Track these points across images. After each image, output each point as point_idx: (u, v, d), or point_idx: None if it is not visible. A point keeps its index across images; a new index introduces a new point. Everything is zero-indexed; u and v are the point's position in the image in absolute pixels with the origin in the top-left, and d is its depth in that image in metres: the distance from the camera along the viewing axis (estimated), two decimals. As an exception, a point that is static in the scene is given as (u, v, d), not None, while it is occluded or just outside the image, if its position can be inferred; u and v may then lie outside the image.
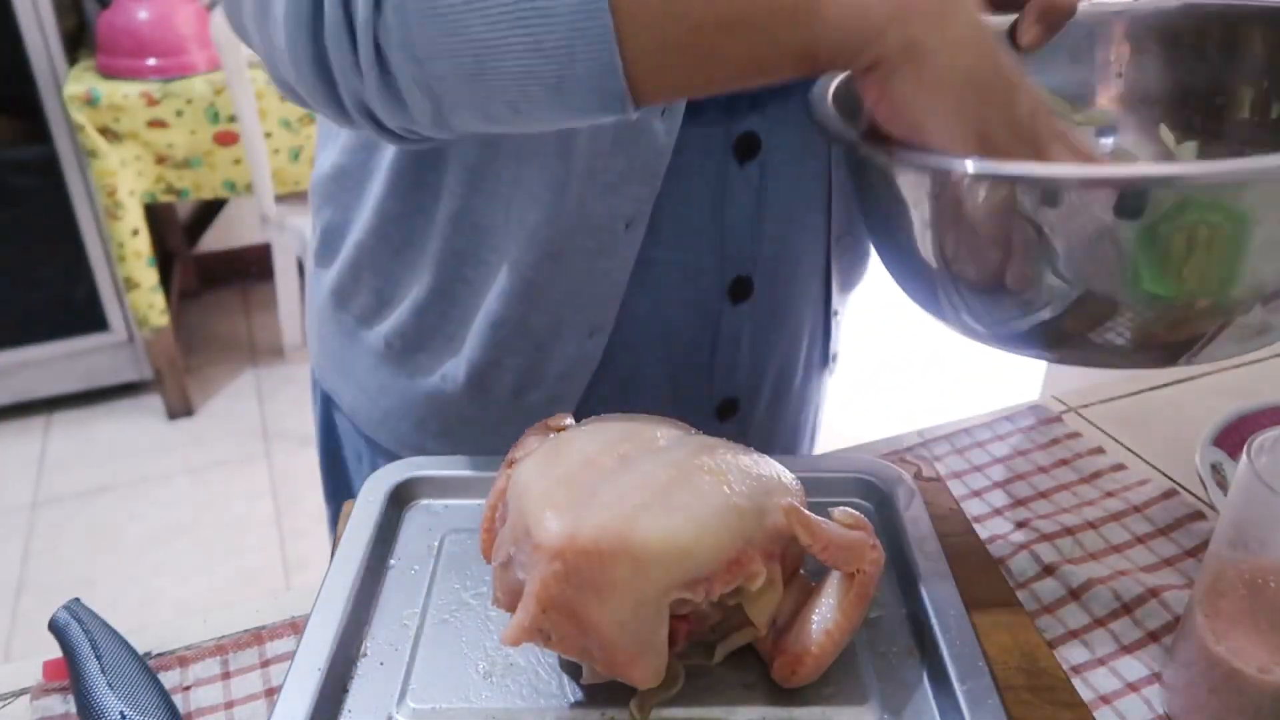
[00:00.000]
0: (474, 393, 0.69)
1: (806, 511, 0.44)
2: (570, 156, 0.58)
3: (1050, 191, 0.41)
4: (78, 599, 0.52)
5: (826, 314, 0.79)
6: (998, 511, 0.62)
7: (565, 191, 0.59)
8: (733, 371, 0.72)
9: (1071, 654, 0.52)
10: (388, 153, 0.64)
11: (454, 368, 0.69)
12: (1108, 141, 0.56)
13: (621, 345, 0.67)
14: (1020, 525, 0.60)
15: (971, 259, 0.45)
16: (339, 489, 0.85)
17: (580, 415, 0.66)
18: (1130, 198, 0.40)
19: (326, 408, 0.82)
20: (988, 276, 0.45)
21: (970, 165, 0.40)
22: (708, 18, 0.40)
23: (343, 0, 0.42)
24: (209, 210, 2.73)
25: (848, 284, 0.78)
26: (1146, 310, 0.43)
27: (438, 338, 0.69)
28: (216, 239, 2.79)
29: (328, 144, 0.71)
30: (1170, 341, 0.45)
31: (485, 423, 0.70)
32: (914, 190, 0.45)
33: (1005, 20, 0.52)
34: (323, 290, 0.75)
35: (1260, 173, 0.39)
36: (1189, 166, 0.40)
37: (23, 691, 0.50)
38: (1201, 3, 0.58)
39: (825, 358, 0.83)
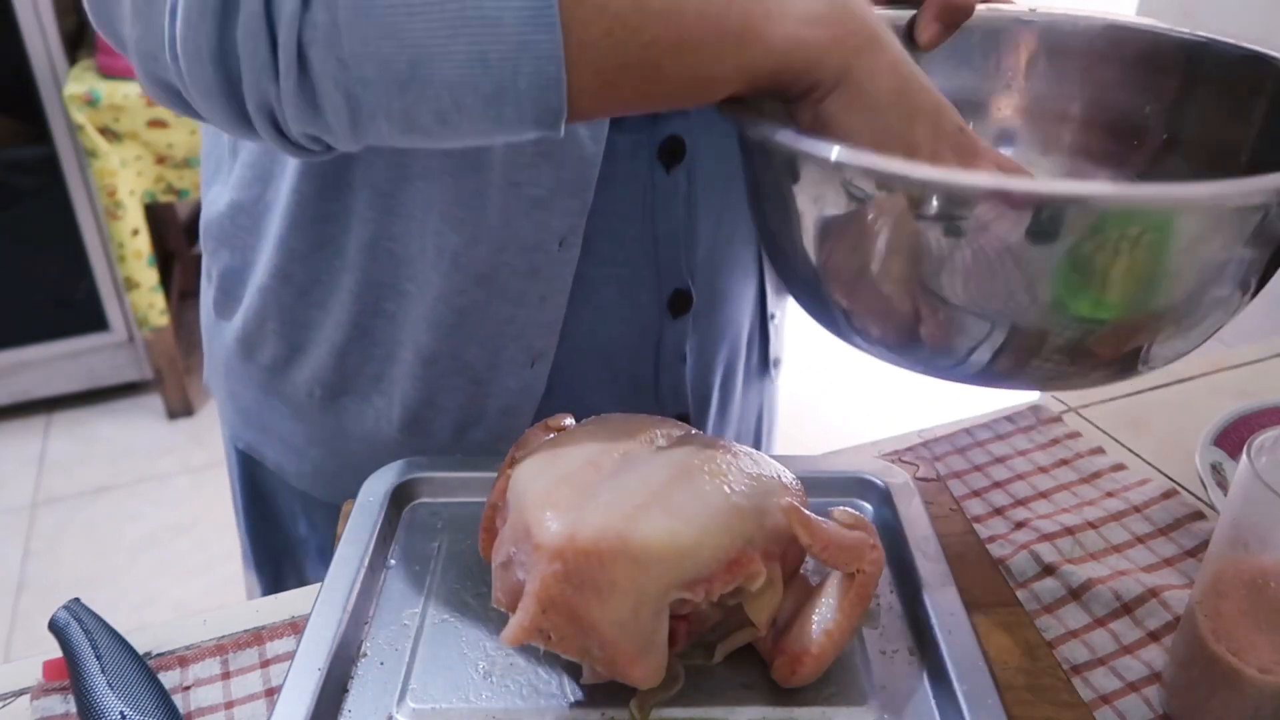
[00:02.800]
0: (411, 436, 0.65)
1: (806, 511, 0.44)
2: (486, 170, 0.55)
3: (960, 200, 0.39)
4: (78, 599, 0.52)
5: (763, 318, 0.77)
6: (998, 511, 0.62)
7: (485, 210, 0.56)
8: (678, 387, 0.70)
9: (1071, 654, 0.52)
10: (286, 183, 0.59)
11: (386, 410, 0.65)
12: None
13: (564, 372, 0.64)
14: (1020, 525, 0.60)
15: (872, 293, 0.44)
16: (273, 550, 0.78)
17: None
18: (1047, 214, 0.38)
19: (247, 467, 0.75)
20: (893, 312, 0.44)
21: (837, 154, 0.39)
22: (658, 38, 0.40)
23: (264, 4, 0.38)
24: (209, 210, 2.73)
25: (782, 289, 0.77)
26: (1078, 331, 0.42)
27: (362, 380, 0.65)
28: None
29: (216, 181, 0.66)
30: (1112, 358, 0.44)
31: None
32: (815, 192, 0.43)
33: (904, 15, 0.52)
34: (225, 343, 0.69)
35: (1180, 201, 0.38)
36: (1102, 188, 0.39)
37: (23, 691, 0.50)
38: (1124, 25, 0.57)
39: (765, 363, 0.81)
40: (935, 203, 0.40)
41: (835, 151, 0.39)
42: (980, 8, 0.58)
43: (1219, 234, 0.39)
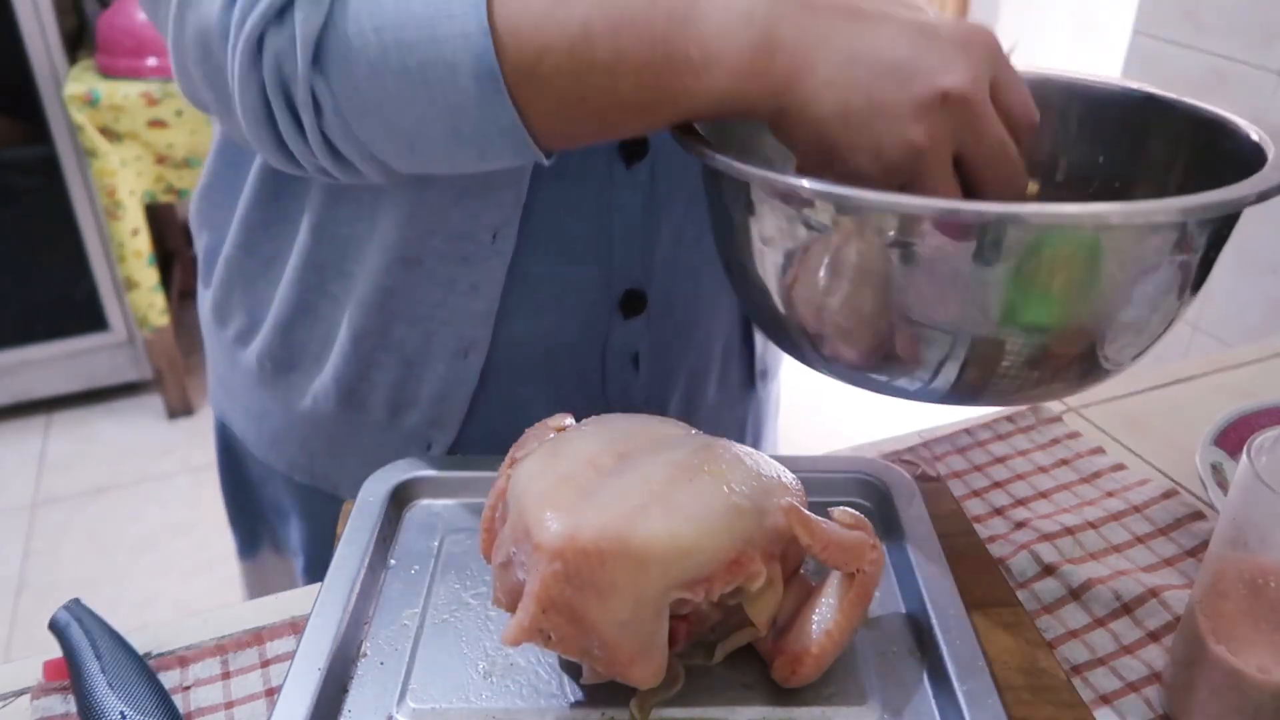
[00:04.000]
0: (348, 412, 0.67)
1: (806, 511, 0.44)
2: None
3: (908, 220, 0.41)
4: (78, 599, 0.52)
5: (746, 328, 0.75)
6: (998, 511, 0.62)
7: (420, 194, 0.58)
8: (627, 391, 0.69)
9: (1071, 654, 0.52)
10: (251, 163, 0.63)
11: (323, 385, 0.67)
12: None
13: (501, 365, 0.65)
14: (1020, 525, 0.60)
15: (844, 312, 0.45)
16: (248, 516, 0.82)
17: (464, 436, 0.67)
18: (987, 231, 0.40)
19: (223, 433, 0.79)
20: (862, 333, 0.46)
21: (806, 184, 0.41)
22: (600, 107, 0.46)
23: (288, 108, 0.47)
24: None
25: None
26: (1030, 341, 0.44)
27: (305, 357, 0.67)
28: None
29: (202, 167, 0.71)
30: (1070, 362, 0.46)
31: (364, 444, 0.68)
32: (773, 221, 0.46)
33: None
34: (205, 316, 0.74)
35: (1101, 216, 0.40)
36: (1040, 208, 0.40)
37: (23, 691, 0.50)
38: (1077, 81, 0.58)
39: (750, 375, 0.78)
40: (864, 224, 0.42)
41: (751, 173, 0.43)
42: None
43: (1139, 247, 0.42)
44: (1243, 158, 0.48)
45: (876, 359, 0.46)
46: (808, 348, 0.49)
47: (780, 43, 0.43)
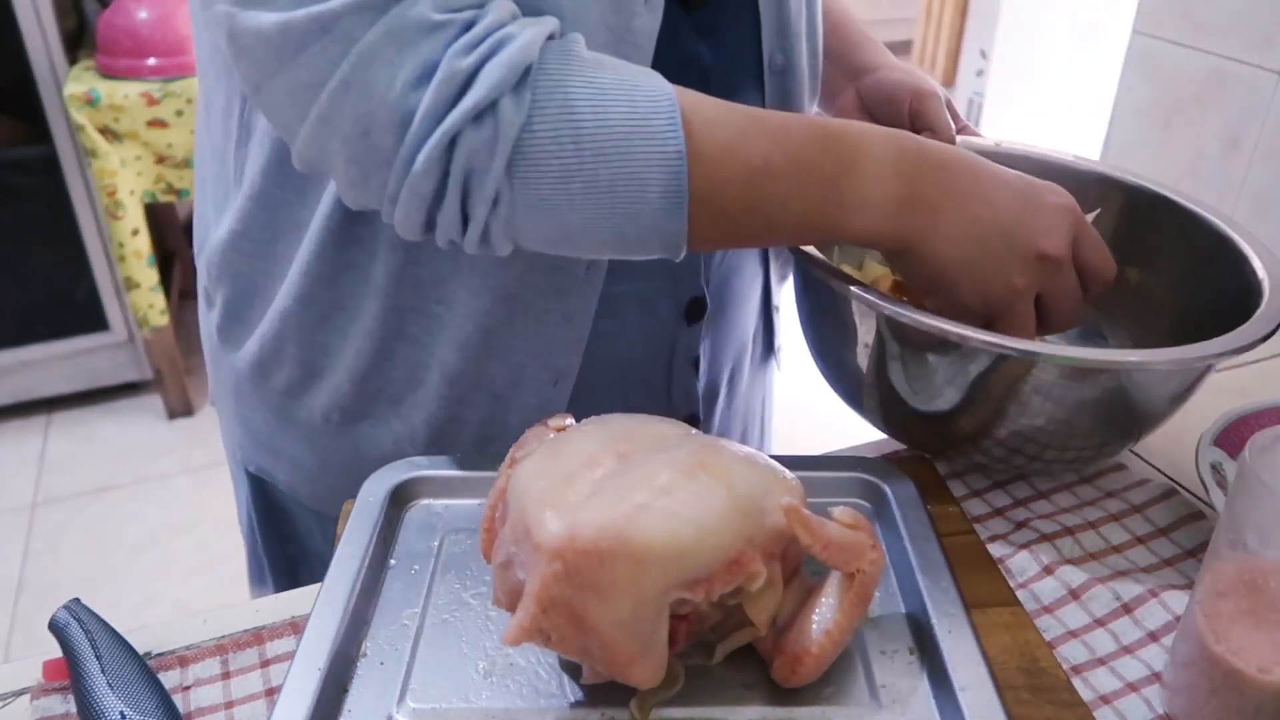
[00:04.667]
0: (434, 452, 0.65)
1: (806, 511, 0.44)
2: None
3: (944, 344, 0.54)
4: (78, 599, 0.52)
5: (768, 310, 0.79)
6: (998, 512, 0.62)
7: None
8: (689, 390, 0.71)
9: (1071, 654, 0.51)
10: (306, 208, 0.60)
11: (407, 431, 0.65)
12: None
13: (580, 386, 0.66)
14: (1020, 525, 0.60)
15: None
16: (290, 564, 0.78)
17: None
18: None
19: (260, 489, 0.75)
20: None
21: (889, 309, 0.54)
22: (758, 230, 0.53)
23: (461, 200, 0.49)
24: (209, 210, 2.73)
25: (784, 275, 0.79)
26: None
27: (381, 403, 0.65)
28: (216, 239, 2.78)
29: (214, 208, 0.66)
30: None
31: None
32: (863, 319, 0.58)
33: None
34: (234, 370, 0.70)
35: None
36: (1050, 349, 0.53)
37: (23, 691, 0.50)
38: (1077, 165, 0.72)
39: (769, 352, 0.83)
40: (937, 349, 0.55)
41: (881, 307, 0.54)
42: (957, 137, 0.71)
43: (1164, 383, 0.57)
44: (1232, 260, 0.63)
45: (937, 432, 0.60)
46: (875, 413, 0.63)
47: (920, 199, 0.52)
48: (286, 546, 0.77)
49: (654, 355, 0.68)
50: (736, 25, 0.64)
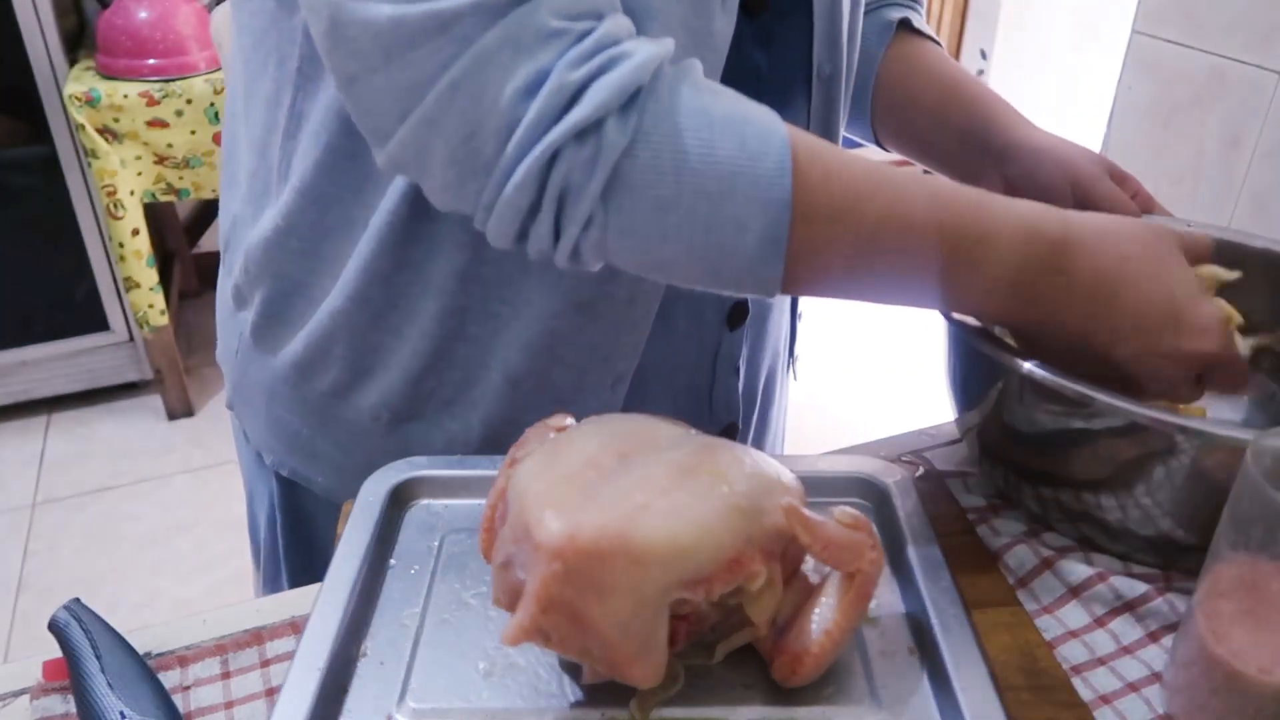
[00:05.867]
0: (488, 452, 0.64)
1: (806, 511, 0.44)
2: None
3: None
4: (78, 599, 0.52)
5: (793, 317, 0.80)
6: (996, 510, 0.62)
7: None
8: (729, 396, 0.71)
9: (1071, 654, 0.51)
10: (362, 205, 0.59)
11: (464, 428, 0.64)
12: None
13: (633, 389, 0.66)
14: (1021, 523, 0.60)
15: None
16: (312, 564, 0.75)
17: None
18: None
19: (289, 492, 0.72)
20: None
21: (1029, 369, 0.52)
22: (854, 289, 0.52)
23: (555, 217, 0.47)
24: (209, 210, 2.73)
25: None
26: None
27: (433, 403, 0.64)
28: (216, 239, 2.78)
29: (249, 203, 0.64)
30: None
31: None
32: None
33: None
34: (270, 369, 0.67)
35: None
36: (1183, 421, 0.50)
37: (23, 691, 0.50)
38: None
39: (791, 358, 0.83)
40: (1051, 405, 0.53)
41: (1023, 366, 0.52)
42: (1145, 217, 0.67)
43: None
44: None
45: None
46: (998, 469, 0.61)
47: (1033, 300, 0.51)
48: (310, 551, 0.75)
49: (699, 361, 0.68)
50: (791, 33, 0.63)
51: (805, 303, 0.80)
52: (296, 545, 0.75)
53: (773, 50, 0.62)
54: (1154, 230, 0.53)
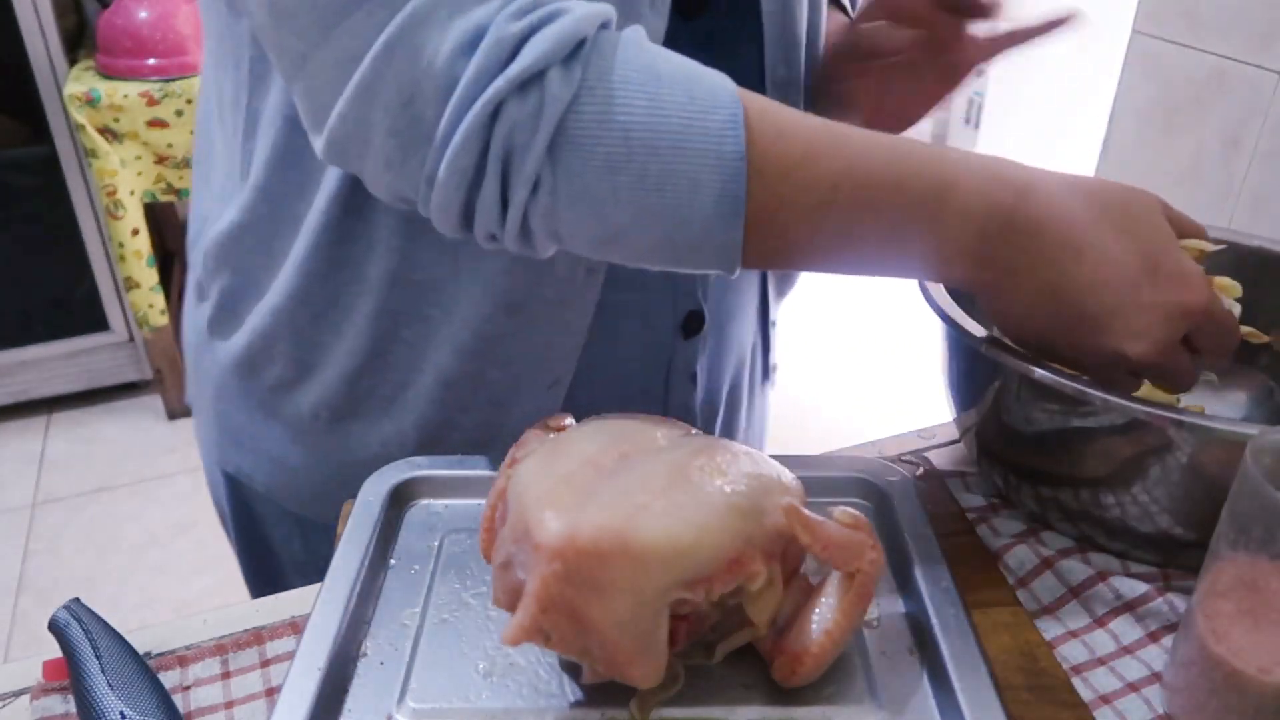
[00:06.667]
0: (424, 454, 0.61)
1: (806, 511, 0.44)
2: None
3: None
4: (78, 599, 0.52)
5: (765, 326, 0.78)
6: (996, 510, 0.62)
7: None
8: (687, 406, 0.71)
9: (1071, 654, 0.51)
10: (308, 204, 0.59)
11: (396, 434, 0.64)
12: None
13: (578, 393, 0.65)
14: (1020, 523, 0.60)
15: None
16: (269, 574, 0.76)
17: None
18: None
19: (235, 490, 0.73)
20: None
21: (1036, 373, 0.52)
22: (818, 256, 0.49)
23: (500, 179, 0.45)
24: (209, 210, 2.73)
25: (782, 291, 0.77)
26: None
27: (372, 404, 0.64)
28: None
29: (223, 201, 0.64)
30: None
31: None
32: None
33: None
34: (220, 363, 0.68)
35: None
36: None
37: (23, 691, 0.50)
38: None
39: (766, 370, 0.81)
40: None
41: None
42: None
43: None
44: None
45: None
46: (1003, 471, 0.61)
47: (994, 260, 0.48)
48: (263, 551, 0.76)
49: (651, 367, 0.68)
50: (738, 35, 0.62)
51: (781, 310, 0.79)
52: (250, 545, 0.76)
53: (718, 52, 0.59)
54: (1132, 189, 0.51)
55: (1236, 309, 0.53)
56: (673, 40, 0.55)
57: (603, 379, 0.65)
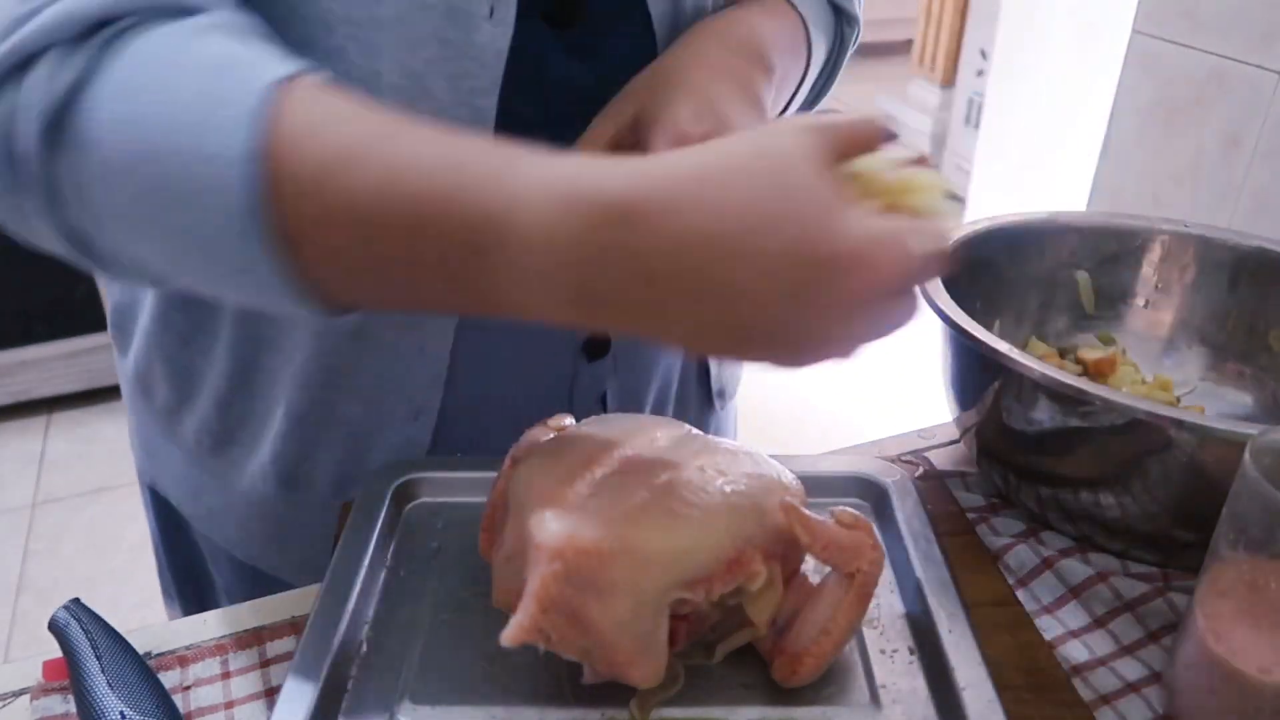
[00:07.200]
0: (288, 493, 0.62)
1: (806, 511, 0.44)
2: None
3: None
4: (78, 599, 0.52)
5: None
6: (996, 510, 0.62)
7: None
8: None
9: (1071, 654, 0.51)
10: None
11: (260, 467, 0.61)
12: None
13: (458, 421, 0.61)
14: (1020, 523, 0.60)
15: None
16: (194, 579, 0.74)
17: None
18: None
19: (157, 500, 0.71)
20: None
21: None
22: (399, 293, 0.40)
23: (9, 176, 0.39)
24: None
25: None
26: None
27: (244, 433, 0.61)
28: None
29: None
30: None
31: (307, 525, 0.62)
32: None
33: None
34: (125, 378, 0.67)
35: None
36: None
37: (23, 691, 0.50)
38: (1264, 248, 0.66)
39: (708, 395, 0.75)
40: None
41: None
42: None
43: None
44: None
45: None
46: (997, 468, 0.61)
47: (605, 300, 0.37)
48: (189, 564, 0.73)
49: (551, 392, 0.63)
50: (623, 45, 0.56)
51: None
52: (172, 552, 0.74)
53: (601, 64, 0.54)
54: (769, 152, 0.37)
55: (949, 207, 0.40)
56: (540, 50, 0.51)
57: (485, 406, 0.62)
